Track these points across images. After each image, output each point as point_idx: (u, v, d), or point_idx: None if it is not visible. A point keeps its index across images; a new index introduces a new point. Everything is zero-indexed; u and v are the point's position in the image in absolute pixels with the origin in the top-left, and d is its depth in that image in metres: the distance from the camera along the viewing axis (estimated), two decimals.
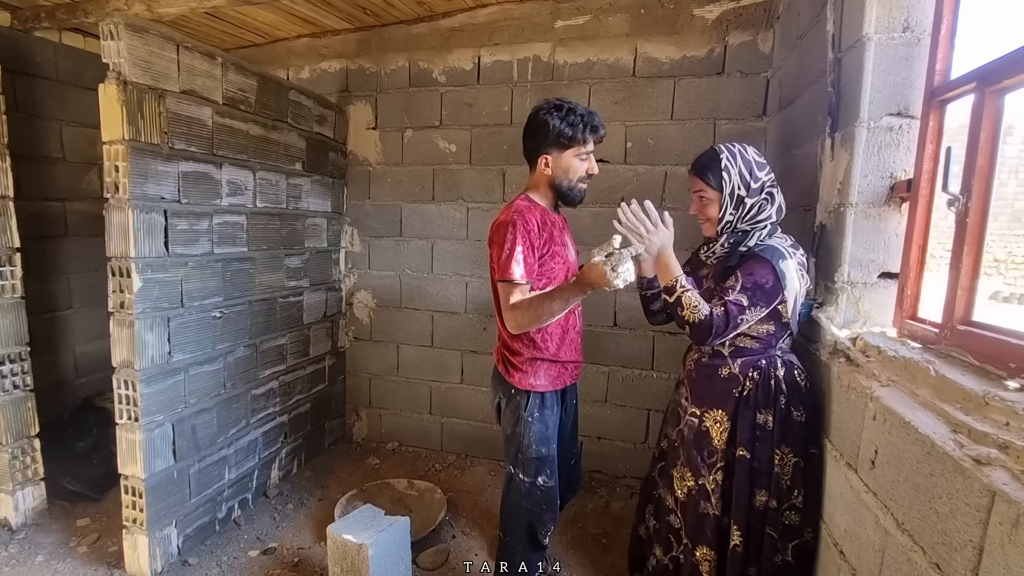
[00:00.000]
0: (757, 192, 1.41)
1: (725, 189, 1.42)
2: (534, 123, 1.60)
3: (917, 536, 0.94)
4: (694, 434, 1.52)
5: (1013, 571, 0.71)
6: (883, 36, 1.35)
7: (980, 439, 0.84)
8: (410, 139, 2.98)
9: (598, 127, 1.59)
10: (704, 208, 1.48)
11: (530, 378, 1.67)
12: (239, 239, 2.31)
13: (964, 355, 1.06)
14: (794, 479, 1.40)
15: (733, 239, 1.46)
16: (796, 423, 1.40)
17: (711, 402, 1.49)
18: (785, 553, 1.42)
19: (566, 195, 1.65)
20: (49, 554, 2.14)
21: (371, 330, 3.19)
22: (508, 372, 1.70)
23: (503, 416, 1.76)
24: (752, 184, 1.41)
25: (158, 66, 1.87)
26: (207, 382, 2.18)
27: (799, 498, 1.41)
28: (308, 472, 2.87)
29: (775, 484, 1.41)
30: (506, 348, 1.71)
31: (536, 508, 1.72)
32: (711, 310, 1.35)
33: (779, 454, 1.41)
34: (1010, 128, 8.94)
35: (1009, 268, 8.32)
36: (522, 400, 1.67)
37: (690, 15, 2.47)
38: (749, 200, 1.41)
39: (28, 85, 2.59)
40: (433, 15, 2.80)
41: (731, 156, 1.42)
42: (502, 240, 1.54)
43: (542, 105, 1.60)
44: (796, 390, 1.41)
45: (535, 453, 1.67)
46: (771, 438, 1.41)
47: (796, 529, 1.42)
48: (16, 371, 2.22)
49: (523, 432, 1.67)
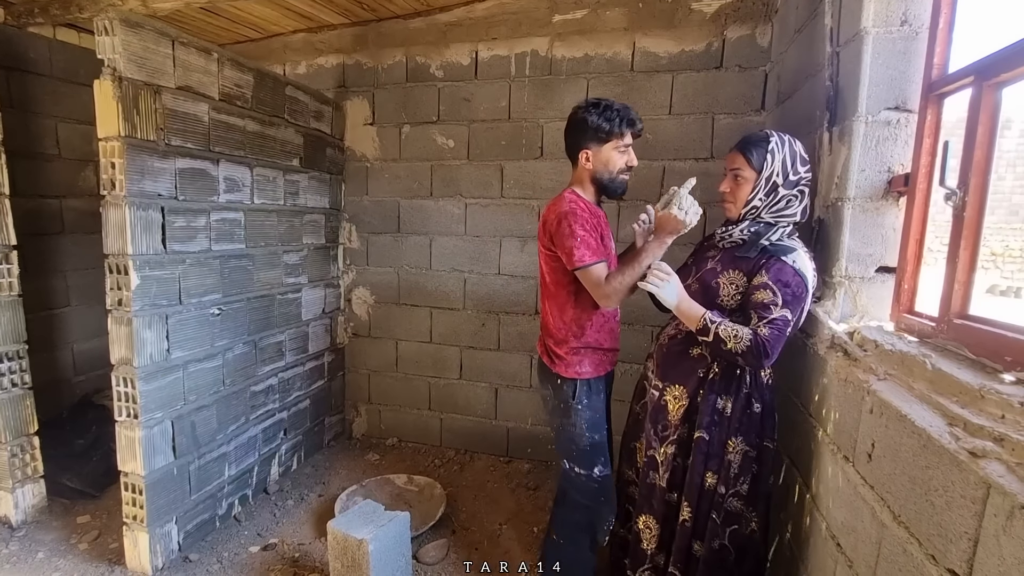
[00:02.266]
0: (792, 185, 1.40)
1: (764, 172, 1.40)
2: (573, 121, 1.66)
3: (913, 528, 0.95)
4: (653, 407, 1.57)
5: (1008, 562, 0.72)
6: (881, 30, 1.34)
7: (976, 432, 0.85)
8: (408, 135, 2.97)
9: (634, 120, 1.64)
10: (737, 187, 1.45)
11: (576, 366, 1.70)
12: (237, 236, 2.30)
13: (961, 349, 1.07)
14: (742, 467, 1.43)
15: (755, 228, 1.44)
16: (753, 415, 1.43)
17: (674, 378, 1.52)
18: (723, 537, 1.45)
19: (607, 187, 1.69)
20: (50, 551, 2.15)
21: (370, 326, 3.19)
22: (553, 363, 1.73)
23: (552, 410, 1.78)
24: (791, 176, 1.40)
25: (153, 62, 1.86)
26: (206, 379, 2.18)
27: (744, 486, 1.44)
28: (308, 468, 2.87)
29: (724, 470, 1.44)
30: (552, 338, 1.74)
31: (595, 502, 1.72)
32: (755, 333, 1.32)
33: (732, 443, 1.44)
34: (1008, 122, 8.94)
35: (1006, 262, 8.35)
36: (569, 389, 1.70)
37: (688, 9, 2.46)
38: (783, 191, 1.40)
39: (22, 81, 2.57)
40: (430, 9, 2.78)
41: (780, 142, 1.40)
42: (568, 230, 1.57)
43: (580, 104, 1.66)
44: (758, 383, 1.44)
45: (588, 441, 1.69)
46: (727, 424, 1.43)
47: (736, 516, 1.45)
48: (14, 369, 2.22)
49: (575, 421, 1.70)
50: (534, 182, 2.78)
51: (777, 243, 1.40)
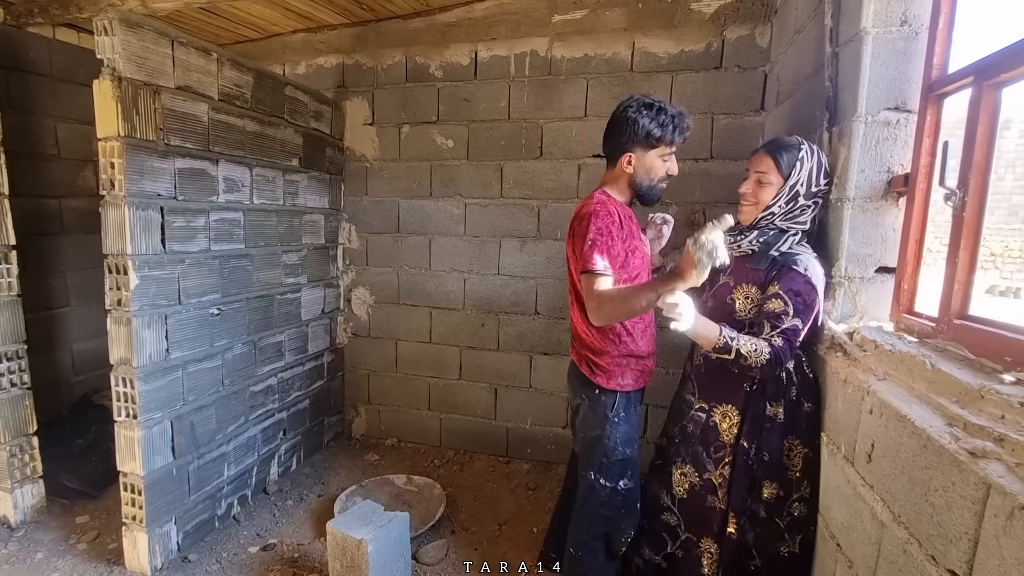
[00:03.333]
0: (812, 196, 1.41)
1: (791, 179, 1.40)
2: (622, 119, 1.56)
3: (913, 529, 0.95)
4: (700, 429, 1.52)
5: (1008, 563, 0.72)
6: (881, 30, 1.34)
7: (976, 432, 0.85)
8: (407, 135, 2.97)
9: (686, 129, 1.55)
10: (759, 191, 1.44)
11: (618, 378, 1.62)
12: (236, 236, 2.30)
13: (960, 349, 1.07)
14: (803, 471, 1.41)
15: (764, 239, 1.44)
16: (805, 414, 1.41)
17: (720, 396, 1.49)
18: (792, 545, 1.43)
19: (646, 194, 1.61)
20: (49, 551, 2.14)
21: (369, 326, 3.18)
22: (593, 373, 1.64)
23: (584, 419, 1.68)
24: (813, 187, 1.41)
25: (153, 62, 1.86)
26: (206, 379, 2.18)
27: (807, 489, 1.41)
28: (307, 468, 2.87)
29: (782, 476, 1.42)
30: (588, 348, 1.65)
31: (615, 515, 1.65)
32: (771, 345, 1.31)
33: (788, 445, 1.41)
34: (1007, 122, 8.95)
35: (1005, 262, 8.36)
36: (608, 401, 1.63)
37: (688, 9, 2.46)
38: (802, 200, 1.41)
39: (22, 81, 2.57)
40: (430, 10, 2.78)
41: (809, 151, 1.41)
42: (584, 231, 1.49)
43: (631, 103, 1.56)
44: (805, 382, 1.43)
45: (621, 455, 1.63)
46: (781, 429, 1.41)
47: (804, 521, 1.43)
48: (13, 369, 2.22)
49: (610, 434, 1.61)
50: (534, 182, 2.78)
51: (787, 252, 1.40)
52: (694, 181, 2.54)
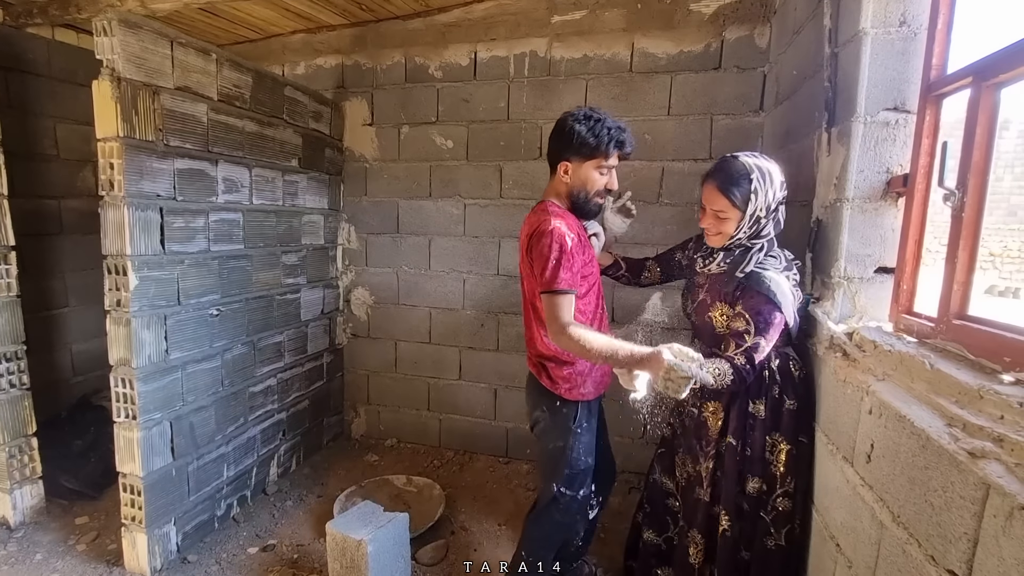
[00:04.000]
0: (772, 212, 1.42)
1: (748, 210, 1.39)
2: (560, 127, 1.55)
3: (913, 529, 0.95)
4: (694, 423, 1.58)
5: (1007, 563, 0.72)
6: (880, 31, 1.34)
7: (975, 432, 0.85)
8: (407, 135, 2.97)
9: (624, 142, 1.53)
10: (719, 225, 1.45)
11: (579, 388, 1.61)
12: (235, 236, 2.30)
13: (960, 349, 1.07)
14: (787, 466, 1.44)
15: (731, 259, 1.47)
16: (788, 412, 1.44)
17: (708, 394, 1.52)
18: (779, 538, 1.47)
19: (581, 207, 1.59)
20: (48, 552, 2.14)
21: (369, 327, 3.18)
22: (554, 384, 1.61)
23: (545, 431, 1.67)
24: (772, 205, 1.41)
25: (152, 62, 1.85)
26: (205, 380, 2.18)
27: (791, 484, 1.45)
28: (307, 469, 2.87)
29: (766, 471, 1.45)
30: (548, 359, 1.61)
31: (572, 521, 1.69)
32: (733, 364, 1.34)
33: (771, 441, 1.45)
34: (1006, 123, 8.96)
35: (1004, 262, 8.36)
36: (571, 412, 1.62)
37: (687, 10, 2.46)
38: (764, 220, 1.42)
39: (21, 82, 2.57)
40: (429, 10, 2.78)
41: (761, 177, 1.38)
42: (546, 250, 1.45)
43: (573, 112, 1.56)
44: (789, 380, 1.45)
45: (583, 465, 1.63)
46: (763, 426, 1.45)
47: (789, 515, 1.46)
48: (12, 370, 2.22)
49: (572, 444, 1.61)
50: (533, 183, 2.78)
51: (752, 273, 1.41)
52: (693, 182, 2.54)
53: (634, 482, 2.75)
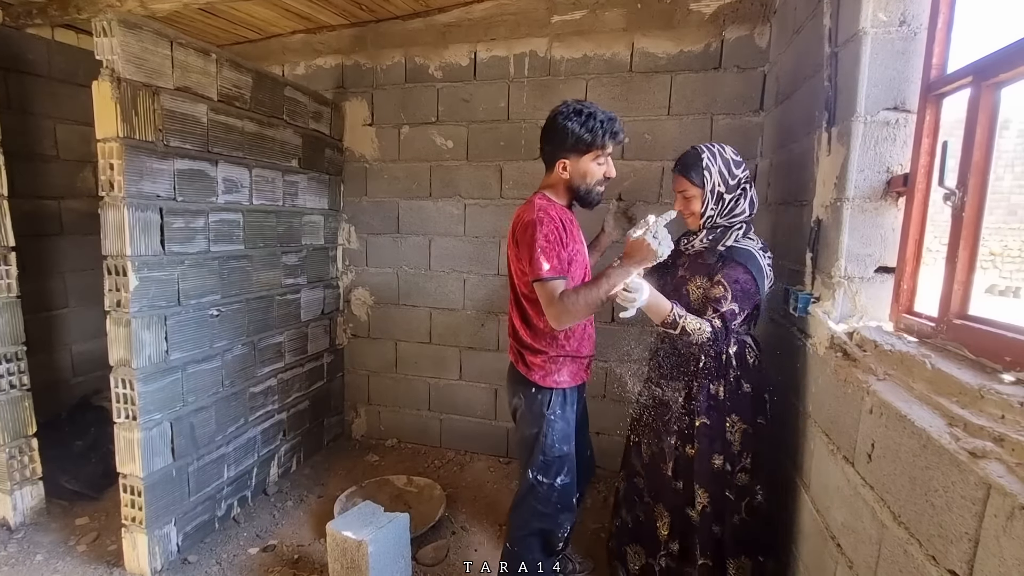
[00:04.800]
0: (734, 188, 1.56)
1: (706, 186, 1.56)
2: (552, 127, 1.59)
3: (913, 529, 0.95)
4: (657, 402, 1.69)
5: (1008, 563, 0.72)
6: (880, 30, 1.34)
7: (976, 432, 0.85)
8: (407, 135, 2.97)
9: (618, 132, 1.59)
10: (688, 204, 1.61)
11: (554, 375, 1.66)
12: (235, 237, 2.30)
13: (960, 349, 1.07)
14: (743, 444, 1.56)
15: (712, 236, 1.60)
16: (744, 395, 1.56)
17: (672, 375, 1.65)
18: (741, 512, 1.58)
19: (583, 198, 1.66)
20: (48, 553, 2.14)
21: (369, 327, 3.18)
22: (529, 370, 1.68)
23: (521, 417, 1.73)
24: (730, 181, 1.56)
25: (152, 63, 1.85)
26: (205, 380, 2.18)
27: (748, 460, 1.57)
28: (307, 469, 2.87)
29: (727, 449, 1.57)
30: (525, 347, 1.68)
31: (551, 511, 1.70)
32: (712, 325, 1.48)
33: (729, 421, 1.57)
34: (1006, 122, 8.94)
35: (1005, 262, 8.35)
36: (544, 398, 1.67)
37: (687, 10, 2.46)
38: (728, 196, 1.56)
39: (21, 82, 2.57)
40: (429, 10, 2.78)
41: (711, 156, 1.55)
42: (531, 239, 1.51)
43: (562, 109, 1.59)
44: (744, 366, 1.58)
45: (558, 452, 1.67)
46: (723, 407, 1.56)
47: (748, 488, 1.58)
48: (12, 370, 2.22)
49: (546, 431, 1.65)
50: (533, 183, 2.77)
51: (732, 247, 1.56)
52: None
53: None
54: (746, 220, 1.59)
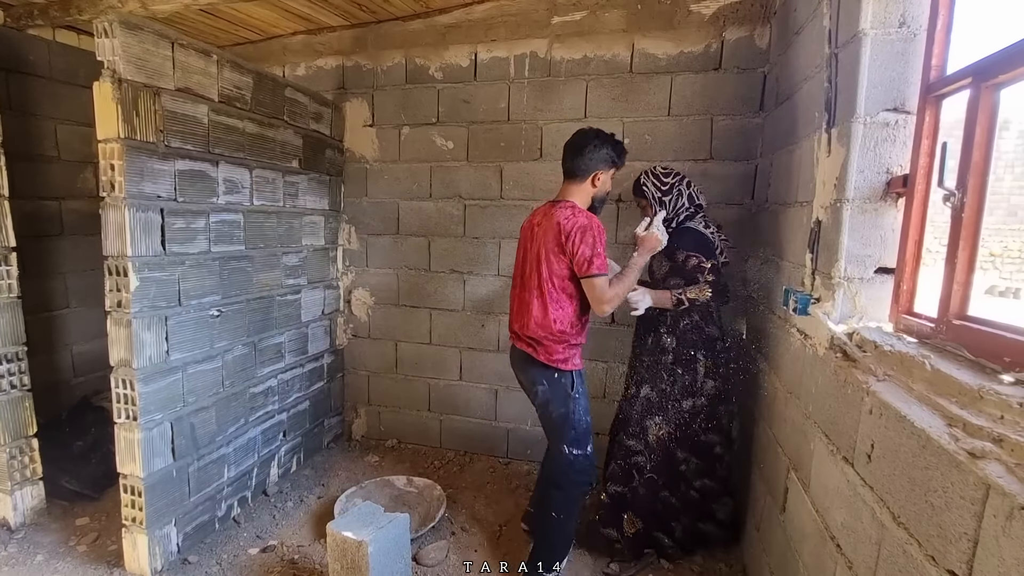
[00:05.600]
0: (668, 192, 2.09)
1: (648, 196, 2.11)
2: (590, 144, 1.94)
3: (913, 529, 0.95)
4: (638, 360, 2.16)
5: (1007, 563, 0.72)
6: (879, 31, 1.34)
7: (975, 433, 0.85)
8: (407, 136, 2.97)
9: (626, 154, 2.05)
10: (644, 212, 2.16)
11: (573, 359, 1.97)
12: (236, 237, 2.30)
13: (960, 349, 1.07)
14: (705, 372, 2.05)
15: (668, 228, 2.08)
16: (708, 336, 2.05)
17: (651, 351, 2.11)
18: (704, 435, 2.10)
19: (598, 206, 2.04)
20: (49, 553, 2.14)
21: (369, 328, 3.19)
22: (551, 357, 1.94)
23: (548, 401, 1.97)
24: (663, 187, 2.09)
25: (153, 64, 1.86)
26: (205, 380, 2.18)
27: (709, 386, 2.05)
28: (307, 470, 2.87)
29: (695, 383, 2.05)
30: (550, 336, 1.93)
31: (587, 478, 2.00)
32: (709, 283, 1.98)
33: (692, 355, 2.05)
34: (1006, 123, 8.94)
35: (1004, 263, 8.35)
36: (568, 381, 1.95)
37: (687, 11, 2.47)
38: (666, 199, 2.09)
39: (22, 83, 2.58)
40: (429, 11, 2.79)
41: (645, 176, 2.13)
42: (591, 241, 1.83)
43: (597, 133, 1.96)
44: (706, 312, 2.06)
45: (584, 425, 1.97)
46: (689, 341, 2.04)
47: (710, 415, 2.09)
48: (13, 371, 2.22)
49: (573, 408, 1.95)
50: (533, 183, 2.78)
51: (677, 228, 2.09)
52: (694, 181, 2.55)
53: None
54: (688, 211, 2.09)
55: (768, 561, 1.83)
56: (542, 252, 1.90)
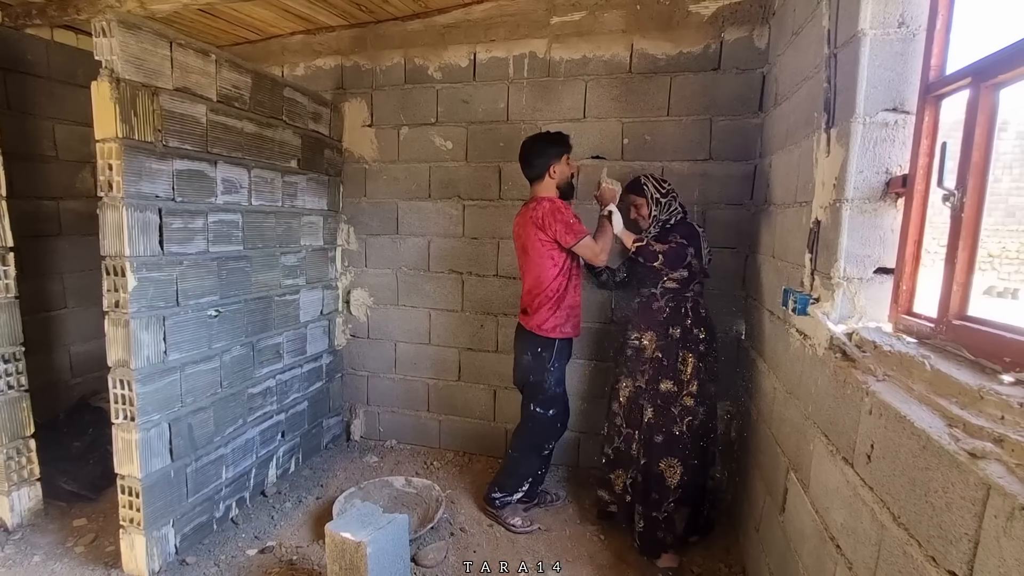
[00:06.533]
0: (664, 195, 2.25)
1: (647, 195, 2.25)
2: (533, 149, 2.29)
3: (913, 530, 0.95)
4: (634, 351, 2.23)
5: (1008, 563, 0.72)
6: (879, 31, 1.34)
7: (975, 433, 0.85)
8: (406, 136, 2.97)
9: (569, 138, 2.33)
10: (640, 210, 2.30)
11: (558, 328, 2.29)
12: (234, 237, 2.30)
13: (959, 349, 1.07)
14: (690, 374, 2.12)
15: (659, 225, 2.26)
16: (695, 336, 2.15)
17: (646, 326, 2.21)
18: (682, 426, 2.12)
19: (566, 189, 2.33)
20: (46, 554, 2.13)
21: (368, 328, 3.18)
22: (538, 325, 2.29)
23: (529, 367, 2.36)
24: (661, 190, 2.25)
25: (151, 63, 1.85)
26: (203, 381, 2.18)
27: (694, 387, 2.12)
28: (306, 470, 2.87)
29: (677, 376, 2.13)
30: (537, 299, 2.29)
31: (547, 433, 2.41)
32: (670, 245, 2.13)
33: (681, 355, 2.14)
34: (1005, 123, 8.96)
35: (1003, 263, 8.37)
36: (547, 354, 2.31)
37: (686, 11, 2.47)
38: (663, 199, 2.24)
39: (20, 83, 2.57)
40: (428, 11, 2.79)
41: (646, 179, 2.27)
42: (561, 217, 2.19)
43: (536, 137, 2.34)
44: (698, 317, 2.18)
45: (552, 392, 2.35)
46: (676, 344, 2.14)
47: (691, 409, 2.12)
48: (11, 371, 2.21)
49: (547, 378, 2.32)
50: None
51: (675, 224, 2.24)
52: (693, 182, 2.55)
53: None
54: (679, 215, 2.25)
55: (768, 561, 1.83)
56: (527, 244, 2.29)
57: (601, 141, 2.67)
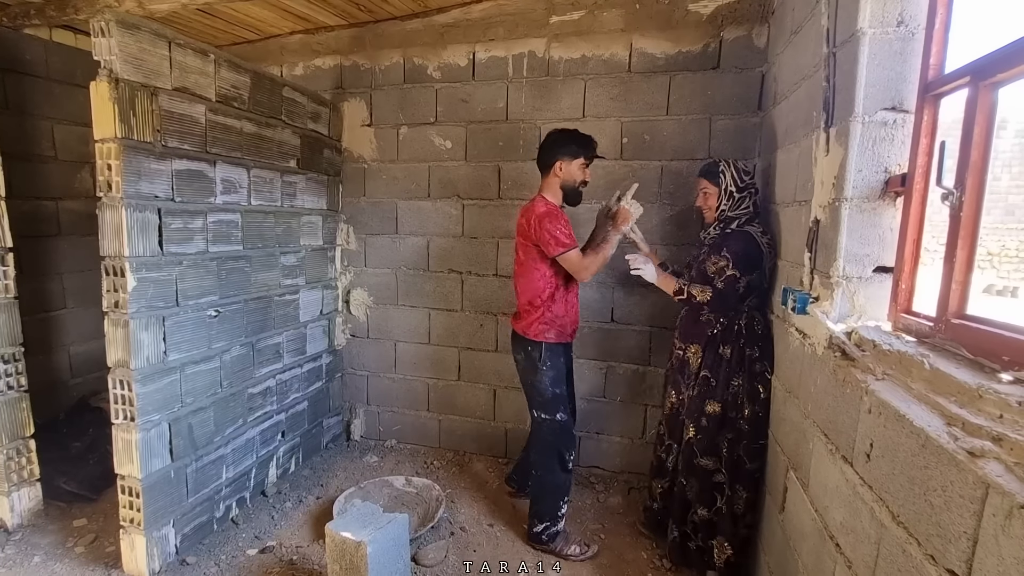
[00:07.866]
0: (743, 189, 1.99)
1: (721, 185, 2.00)
2: (551, 139, 2.15)
3: (912, 528, 0.95)
4: (679, 362, 2.11)
5: (1007, 562, 0.72)
6: (878, 31, 1.34)
7: (974, 432, 0.85)
8: (405, 136, 2.97)
9: (595, 148, 2.17)
10: (707, 199, 2.06)
11: (546, 332, 2.18)
12: (234, 237, 2.30)
13: (958, 348, 1.07)
14: (745, 397, 1.92)
15: (722, 224, 2.02)
16: (749, 358, 1.93)
17: (691, 339, 2.06)
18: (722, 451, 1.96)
19: (570, 193, 2.17)
20: (46, 555, 2.13)
21: (368, 328, 3.18)
22: (526, 329, 2.19)
23: (523, 370, 2.26)
24: (740, 184, 1.99)
25: (150, 63, 1.85)
26: (203, 381, 2.18)
27: (745, 410, 1.92)
28: (306, 470, 2.87)
29: (730, 399, 1.93)
30: (526, 306, 2.19)
31: (561, 439, 2.21)
32: (714, 287, 1.94)
33: (733, 377, 1.93)
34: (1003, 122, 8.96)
35: (1002, 262, 8.37)
36: (537, 354, 2.19)
37: (685, 10, 2.47)
38: (737, 193, 1.99)
39: (18, 83, 2.57)
40: (427, 11, 2.78)
41: (725, 165, 2.02)
42: (552, 226, 2.05)
43: (558, 130, 2.18)
44: (753, 335, 1.94)
45: (550, 393, 2.19)
46: (728, 366, 1.94)
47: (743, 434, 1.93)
48: (10, 371, 2.21)
49: (540, 379, 2.19)
50: (532, 183, 2.78)
51: (735, 230, 1.98)
52: (693, 182, 2.55)
53: (634, 483, 2.76)
54: (749, 215, 1.99)
55: (767, 560, 1.83)
56: (518, 245, 2.23)
57: (600, 140, 2.66)
